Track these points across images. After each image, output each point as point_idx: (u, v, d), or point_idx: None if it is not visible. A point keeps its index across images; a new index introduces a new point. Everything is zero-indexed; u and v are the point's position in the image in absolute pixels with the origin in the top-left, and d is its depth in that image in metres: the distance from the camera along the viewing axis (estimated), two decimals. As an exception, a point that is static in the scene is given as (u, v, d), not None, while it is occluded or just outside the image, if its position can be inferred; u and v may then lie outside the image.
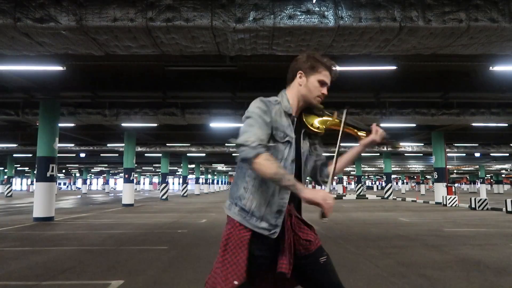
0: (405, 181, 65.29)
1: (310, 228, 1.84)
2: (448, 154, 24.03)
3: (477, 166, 44.18)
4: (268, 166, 1.57)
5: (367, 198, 27.73)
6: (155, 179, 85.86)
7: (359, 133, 1.91)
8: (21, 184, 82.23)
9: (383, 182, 31.83)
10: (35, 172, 15.49)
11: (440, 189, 18.62)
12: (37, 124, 11.84)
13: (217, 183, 62.66)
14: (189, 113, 12.37)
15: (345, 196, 29.65)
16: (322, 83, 1.82)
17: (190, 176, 47.63)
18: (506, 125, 15.16)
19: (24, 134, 19.86)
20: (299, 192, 1.59)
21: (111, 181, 75.28)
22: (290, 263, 1.69)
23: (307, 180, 1.88)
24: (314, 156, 1.93)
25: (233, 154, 27.39)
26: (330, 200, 1.59)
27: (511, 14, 5.27)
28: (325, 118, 1.86)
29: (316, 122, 1.84)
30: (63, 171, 59.56)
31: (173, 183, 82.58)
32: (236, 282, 1.62)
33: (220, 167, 46.84)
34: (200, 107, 12.51)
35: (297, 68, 1.83)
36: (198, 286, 3.99)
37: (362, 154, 32.28)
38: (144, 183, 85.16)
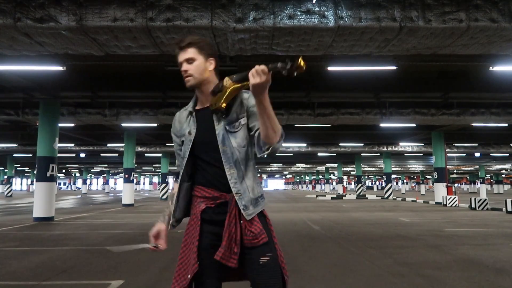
0: (405, 181, 65.29)
1: (261, 221, 1.73)
2: (448, 154, 24.03)
3: (477, 166, 44.18)
4: (170, 194, 1.91)
5: (367, 198, 27.73)
6: (155, 179, 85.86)
7: (245, 83, 1.63)
8: (21, 184, 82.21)
9: (383, 182, 31.84)
10: (35, 172, 15.49)
11: (440, 189, 18.62)
12: (37, 124, 11.84)
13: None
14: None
15: (345, 196, 29.65)
16: (180, 64, 1.82)
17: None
18: (506, 125, 15.16)
19: (24, 134, 19.86)
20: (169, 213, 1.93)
21: (111, 181, 75.28)
22: (233, 251, 1.66)
23: (229, 159, 1.71)
24: (241, 131, 1.75)
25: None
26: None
27: (511, 14, 5.27)
28: (221, 92, 1.70)
29: (218, 99, 1.73)
30: (63, 171, 59.54)
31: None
32: (189, 276, 1.73)
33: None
34: (200, 107, 12.49)
35: None
36: None
37: (362, 155, 32.35)
38: (144, 183, 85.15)
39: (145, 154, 26.96)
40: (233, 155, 1.73)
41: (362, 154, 30.97)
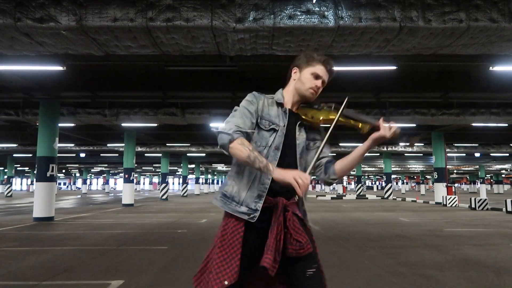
0: (405, 181, 65.29)
1: (305, 231, 1.73)
2: (448, 154, 24.03)
3: (477, 166, 44.17)
4: (241, 149, 1.63)
5: (367, 198, 27.73)
6: (155, 179, 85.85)
7: (360, 125, 1.81)
8: (21, 184, 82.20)
9: (383, 182, 31.83)
10: (35, 172, 15.49)
11: (440, 189, 18.62)
12: (37, 124, 11.84)
13: (217, 183, 62.67)
14: (189, 113, 12.37)
15: (345, 196, 29.65)
16: (315, 75, 1.84)
17: (190, 176, 47.64)
18: (506, 125, 15.15)
19: (24, 134, 19.85)
20: (269, 173, 1.61)
21: (111, 181, 75.26)
22: (276, 260, 1.62)
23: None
24: (314, 151, 1.85)
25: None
26: (303, 179, 1.56)
27: (511, 14, 5.26)
28: (322, 111, 1.85)
29: (311, 113, 1.84)
30: (63, 171, 59.55)
31: (173, 183, 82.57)
32: (226, 282, 1.61)
33: (220, 167, 46.83)
34: (200, 107, 12.51)
35: (293, 65, 1.90)
36: (198, 286, 3.98)
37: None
38: (144, 183, 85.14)
39: (145, 154, 26.96)
40: (305, 169, 1.79)
41: (362, 154, 30.89)
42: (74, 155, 28.83)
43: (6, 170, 36.68)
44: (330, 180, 1.84)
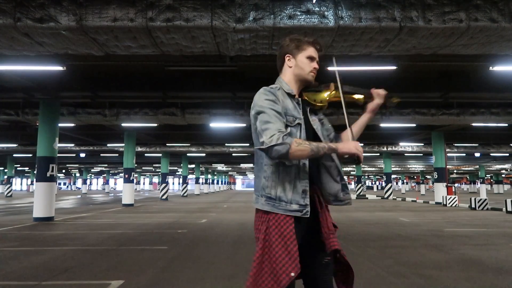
0: (405, 181, 65.29)
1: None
2: (448, 154, 24.03)
3: (477, 166, 44.17)
4: (302, 149, 1.66)
5: (367, 198, 27.73)
6: (155, 179, 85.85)
7: (357, 97, 1.97)
8: (21, 184, 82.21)
9: (383, 182, 31.82)
10: (35, 172, 15.49)
11: (440, 189, 18.62)
12: (37, 124, 11.84)
13: (217, 183, 62.67)
14: (189, 113, 12.37)
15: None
16: (310, 58, 1.88)
17: (190, 176, 47.64)
18: (506, 125, 15.16)
19: (24, 134, 19.86)
20: (336, 150, 1.73)
21: (111, 181, 75.28)
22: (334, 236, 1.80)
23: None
24: (324, 131, 1.99)
25: (233, 154, 27.38)
26: (359, 147, 1.74)
27: (511, 14, 5.26)
28: (323, 91, 1.91)
29: (318, 97, 1.89)
30: (63, 171, 59.54)
31: (173, 183, 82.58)
32: (293, 274, 1.62)
33: (220, 167, 46.84)
34: (200, 107, 12.51)
35: (284, 53, 1.90)
36: (198, 286, 3.99)
37: (362, 155, 32.08)
38: (144, 183, 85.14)
39: (145, 154, 26.95)
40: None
41: (362, 154, 30.90)
42: (74, 155, 28.83)
43: (6, 170, 36.68)
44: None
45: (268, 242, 1.66)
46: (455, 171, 54.41)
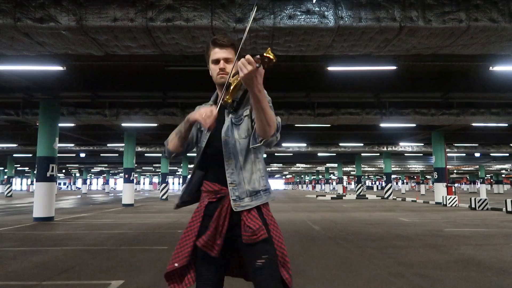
0: (405, 181, 65.28)
1: (261, 218, 1.72)
2: (448, 154, 24.03)
3: (477, 166, 44.17)
4: (171, 138, 1.85)
5: (367, 198, 27.73)
6: (155, 179, 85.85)
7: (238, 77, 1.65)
8: (21, 184, 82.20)
9: (383, 182, 31.84)
10: (35, 172, 15.49)
11: (440, 189, 18.62)
12: (37, 124, 11.84)
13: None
14: (189, 113, 12.34)
15: (345, 196, 29.66)
16: (214, 61, 1.81)
17: (190, 176, 47.55)
18: (506, 125, 15.16)
19: (24, 134, 19.86)
20: (185, 123, 1.76)
21: (111, 181, 75.26)
22: (216, 243, 1.70)
23: (229, 149, 1.75)
24: (246, 120, 1.78)
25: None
26: (208, 112, 1.65)
27: (511, 14, 5.27)
28: (232, 86, 1.70)
29: (226, 94, 1.71)
30: (63, 171, 59.54)
31: (173, 183, 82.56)
32: (176, 264, 1.77)
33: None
34: (200, 107, 12.49)
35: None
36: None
37: (362, 155, 32.37)
38: (144, 183, 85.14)
39: (145, 154, 26.95)
40: (234, 146, 1.76)
41: (362, 154, 30.98)
42: (74, 155, 28.83)
43: (6, 170, 36.67)
44: (259, 143, 1.70)
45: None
46: (455, 171, 54.42)
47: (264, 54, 1.57)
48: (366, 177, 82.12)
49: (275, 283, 1.63)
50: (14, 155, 31.18)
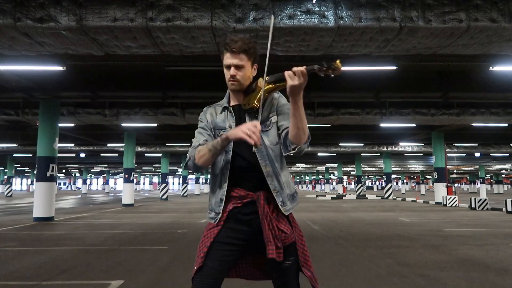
0: (405, 181, 65.30)
1: (288, 221, 1.81)
2: (448, 154, 24.04)
3: (477, 166, 44.17)
4: (203, 153, 1.72)
5: (367, 198, 27.73)
6: (155, 179, 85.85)
7: (281, 84, 1.68)
8: (21, 184, 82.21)
9: (383, 182, 31.84)
10: (35, 172, 15.49)
11: (440, 189, 18.62)
12: (37, 124, 11.84)
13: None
14: (189, 113, 12.37)
15: (345, 196, 29.66)
16: (226, 67, 1.81)
17: (190, 176, 47.64)
18: (506, 125, 15.16)
19: (24, 134, 19.86)
20: (228, 138, 1.67)
21: (111, 181, 75.27)
22: (278, 247, 1.71)
23: (264, 157, 1.76)
24: (273, 127, 1.81)
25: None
26: (252, 128, 1.58)
27: (511, 14, 5.27)
28: (257, 90, 1.74)
29: (248, 99, 1.76)
30: (63, 171, 59.55)
31: (173, 183, 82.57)
32: (195, 267, 1.76)
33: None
34: (200, 107, 12.47)
35: None
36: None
37: (362, 155, 32.39)
38: (144, 183, 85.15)
39: (145, 154, 26.96)
40: (268, 153, 1.78)
41: (362, 154, 30.97)
42: (74, 155, 28.83)
43: (6, 170, 36.67)
44: (292, 150, 1.74)
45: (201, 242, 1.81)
46: (455, 171, 54.42)
47: (334, 66, 1.60)
48: (366, 177, 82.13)
49: (297, 282, 1.81)
50: (14, 155, 31.18)
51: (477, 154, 28.54)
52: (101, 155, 29.69)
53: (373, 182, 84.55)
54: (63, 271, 4.67)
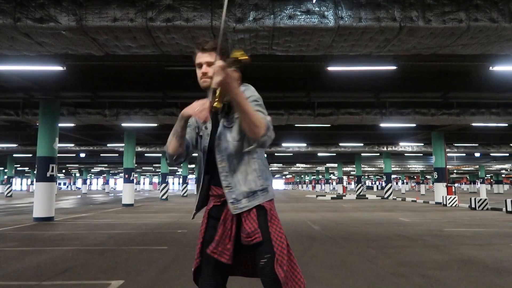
0: (405, 181, 65.28)
1: (259, 221, 1.73)
2: (448, 154, 24.04)
3: (477, 166, 44.17)
4: (169, 138, 1.82)
5: (367, 198, 27.73)
6: (155, 179, 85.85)
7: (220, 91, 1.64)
8: (21, 184, 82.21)
9: (383, 182, 31.85)
10: (35, 172, 15.49)
11: (440, 189, 18.62)
12: (37, 124, 11.84)
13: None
14: (188, 113, 12.36)
15: (345, 196, 29.65)
16: (198, 66, 1.82)
17: (190, 176, 47.62)
18: (506, 125, 15.17)
19: (24, 134, 19.86)
20: (180, 120, 1.73)
21: (111, 181, 75.29)
22: (226, 248, 1.72)
23: (221, 153, 1.77)
24: (236, 125, 1.78)
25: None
26: (201, 106, 1.62)
27: (511, 14, 5.27)
28: (218, 92, 1.66)
29: (215, 100, 1.68)
30: (63, 171, 59.53)
31: (173, 183, 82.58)
32: (193, 268, 1.84)
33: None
34: (200, 107, 12.48)
35: None
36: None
37: (362, 155, 32.38)
38: (144, 183, 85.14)
39: (145, 154, 26.96)
40: (227, 149, 1.77)
41: (362, 154, 30.98)
42: (74, 155, 28.84)
43: (6, 170, 36.67)
44: (253, 145, 1.70)
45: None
46: (455, 171, 54.42)
47: (232, 57, 1.58)
48: (366, 177, 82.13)
49: (274, 281, 1.69)
50: (14, 155, 31.18)
51: (477, 154, 28.55)
52: (101, 155, 29.69)
53: (373, 182, 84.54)
54: (63, 271, 4.67)
